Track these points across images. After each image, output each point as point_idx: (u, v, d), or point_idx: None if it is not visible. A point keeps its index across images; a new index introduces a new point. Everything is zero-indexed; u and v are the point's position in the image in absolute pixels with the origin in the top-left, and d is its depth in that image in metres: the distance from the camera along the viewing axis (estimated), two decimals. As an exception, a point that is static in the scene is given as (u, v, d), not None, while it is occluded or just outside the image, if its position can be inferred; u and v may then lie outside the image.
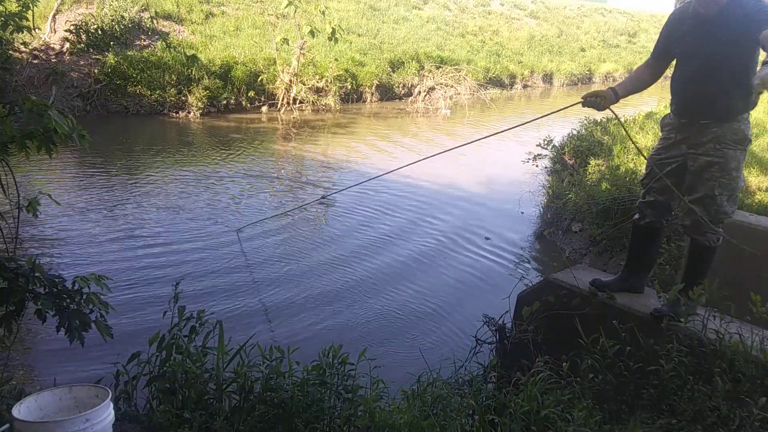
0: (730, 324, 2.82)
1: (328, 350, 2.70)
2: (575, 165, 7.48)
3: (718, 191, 2.89)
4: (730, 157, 2.87)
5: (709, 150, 2.89)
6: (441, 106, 15.40)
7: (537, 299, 3.38)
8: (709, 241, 2.95)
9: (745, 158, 2.95)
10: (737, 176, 2.90)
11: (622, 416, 2.58)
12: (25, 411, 1.97)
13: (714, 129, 2.88)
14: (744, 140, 2.88)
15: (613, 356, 2.73)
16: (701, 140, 2.92)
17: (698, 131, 2.94)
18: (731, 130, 2.86)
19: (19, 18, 3.53)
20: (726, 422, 2.31)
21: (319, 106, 14.16)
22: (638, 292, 3.26)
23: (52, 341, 3.91)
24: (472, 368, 3.23)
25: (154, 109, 12.53)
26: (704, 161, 2.91)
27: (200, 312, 2.87)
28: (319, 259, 5.80)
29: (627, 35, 31.22)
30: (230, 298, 4.91)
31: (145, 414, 2.67)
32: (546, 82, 22.51)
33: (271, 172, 9.19)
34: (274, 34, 14.46)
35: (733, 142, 2.86)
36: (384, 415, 2.42)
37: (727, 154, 2.86)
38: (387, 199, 7.85)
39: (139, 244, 5.90)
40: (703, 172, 2.92)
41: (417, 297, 5.17)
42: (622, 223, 5.48)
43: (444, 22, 23.31)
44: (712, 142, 2.88)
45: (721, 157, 2.87)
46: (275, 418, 2.45)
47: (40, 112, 2.28)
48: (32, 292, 2.47)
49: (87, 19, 13.08)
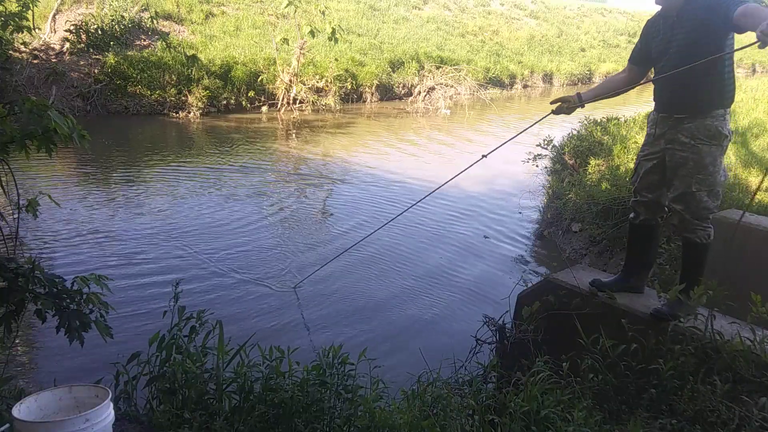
0: (730, 324, 2.82)
1: (328, 350, 2.70)
2: (575, 165, 7.48)
3: (695, 187, 2.89)
4: (705, 153, 2.87)
5: (684, 146, 2.91)
6: (441, 106, 15.40)
7: (537, 299, 3.37)
8: (699, 237, 2.95)
9: (723, 153, 2.93)
10: (714, 171, 2.90)
11: (622, 416, 2.58)
12: (25, 411, 1.97)
13: (688, 124, 2.90)
14: (718, 136, 2.87)
15: (613, 356, 2.73)
16: (677, 135, 2.94)
17: (674, 126, 2.96)
18: (704, 126, 2.86)
19: (19, 18, 3.54)
20: (726, 422, 2.31)
21: (319, 106, 14.17)
22: (638, 292, 3.26)
23: (52, 341, 3.91)
24: (472, 368, 3.22)
25: (154, 109, 12.54)
26: (680, 157, 2.93)
27: (200, 312, 2.87)
28: (318, 259, 5.80)
29: (627, 35, 31.22)
30: (230, 298, 4.91)
31: (145, 414, 2.67)
32: (546, 82, 22.52)
33: (270, 172, 9.20)
34: (274, 34, 14.47)
35: (706, 137, 2.86)
36: (384, 415, 2.42)
37: (701, 150, 2.87)
38: (386, 200, 7.85)
39: (138, 243, 5.90)
40: (679, 169, 2.94)
41: (417, 297, 5.17)
42: (622, 223, 5.49)
43: (444, 22, 23.31)
44: (687, 137, 2.90)
45: (695, 153, 2.88)
46: (275, 418, 2.45)
47: (40, 112, 2.28)
48: (32, 292, 2.47)
49: (87, 19, 13.09)
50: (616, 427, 2.44)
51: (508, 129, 13.55)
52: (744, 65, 29.56)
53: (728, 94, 2.90)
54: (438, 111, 15.25)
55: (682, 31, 2.86)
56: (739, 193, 5.51)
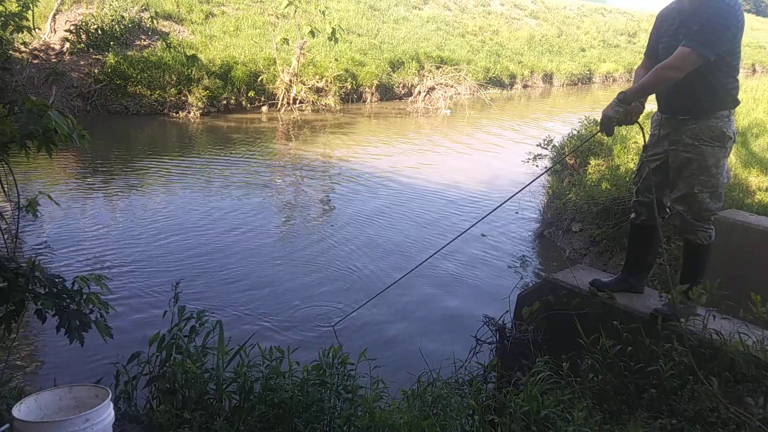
0: (730, 324, 2.82)
1: (328, 350, 2.70)
2: (575, 165, 7.48)
3: (698, 189, 2.88)
4: (708, 154, 2.86)
5: (687, 147, 2.90)
6: (441, 106, 15.40)
7: (537, 299, 3.37)
8: (700, 239, 2.95)
9: (726, 155, 2.93)
10: (717, 173, 2.89)
11: (622, 416, 2.58)
12: (25, 411, 1.97)
13: (692, 125, 2.89)
14: (722, 137, 2.86)
15: (613, 356, 2.73)
16: (680, 137, 2.93)
17: (677, 127, 2.95)
18: (708, 127, 2.85)
19: (19, 18, 3.54)
20: (726, 422, 2.31)
21: (319, 106, 14.17)
22: (638, 292, 3.26)
23: (52, 341, 3.91)
24: (472, 368, 3.22)
25: (154, 109, 12.54)
26: (683, 158, 2.92)
27: (200, 312, 2.87)
28: (318, 260, 5.80)
29: (627, 35, 31.22)
30: (231, 298, 4.91)
31: (145, 414, 2.67)
32: (546, 82, 22.51)
33: (270, 171, 9.20)
34: (274, 34, 14.47)
35: (710, 138, 2.85)
36: (384, 415, 2.41)
37: (705, 151, 2.86)
38: (386, 200, 7.85)
39: (138, 243, 5.90)
40: (683, 170, 2.93)
41: (416, 297, 5.17)
42: (622, 223, 5.48)
43: (444, 22, 23.31)
44: (690, 138, 2.89)
45: (699, 154, 2.87)
46: (275, 418, 2.45)
47: (40, 112, 2.28)
48: (32, 292, 2.46)
49: (87, 19, 13.08)
50: (616, 427, 2.44)
51: (513, 131, 13.56)
52: (744, 65, 29.56)
53: (732, 96, 2.89)
54: (438, 111, 15.24)
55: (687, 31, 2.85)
56: (739, 193, 5.51)
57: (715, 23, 2.69)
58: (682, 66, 2.71)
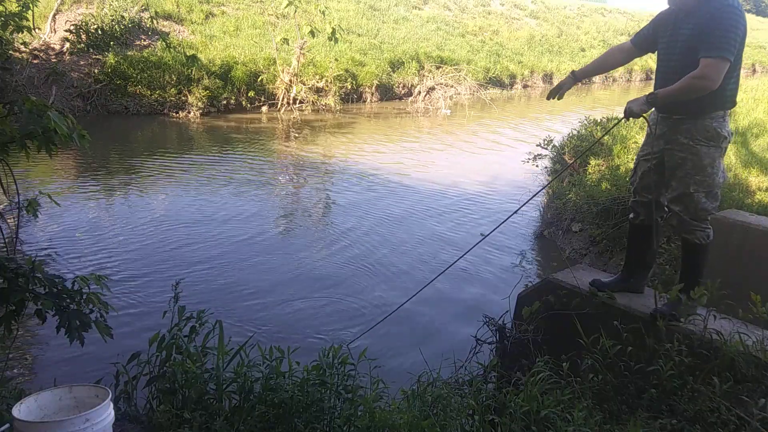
0: (730, 324, 2.82)
1: (328, 350, 2.70)
2: (575, 165, 7.48)
3: (693, 188, 2.89)
4: (703, 154, 2.87)
5: (683, 146, 2.91)
6: (441, 106, 15.39)
7: (537, 299, 3.37)
8: (698, 238, 2.95)
9: (722, 155, 2.93)
10: (713, 173, 2.89)
11: (622, 416, 2.58)
12: (25, 411, 1.97)
13: (687, 125, 2.90)
14: (717, 137, 2.87)
15: (613, 356, 2.73)
16: (675, 136, 2.94)
17: (673, 127, 2.96)
18: (703, 127, 2.86)
19: (19, 18, 3.54)
20: (726, 423, 2.31)
21: (319, 106, 14.16)
22: (638, 292, 3.26)
23: (52, 341, 3.91)
24: (472, 368, 3.22)
25: (154, 109, 12.53)
26: (679, 157, 2.92)
27: (200, 312, 2.87)
28: (318, 260, 5.80)
29: (627, 35, 31.15)
30: (231, 298, 4.91)
31: (145, 414, 2.67)
32: (546, 82, 22.49)
33: (269, 170, 9.20)
34: (274, 34, 14.46)
35: (704, 138, 2.86)
36: (384, 415, 2.41)
37: (700, 150, 2.87)
38: (386, 200, 7.84)
39: (138, 243, 5.90)
40: (678, 169, 2.94)
41: (416, 297, 5.16)
42: (622, 223, 5.48)
43: (444, 22, 23.30)
44: (685, 138, 2.90)
45: (694, 153, 2.88)
46: (275, 418, 2.45)
47: (40, 112, 2.28)
48: (32, 292, 2.46)
49: (87, 19, 13.08)
50: (616, 427, 2.44)
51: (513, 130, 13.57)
52: (744, 65, 29.51)
53: (729, 97, 2.89)
54: (438, 111, 15.24)
55: (688, 33, 2.85)
56: (739, 193, 5.51)
57: (728, 25, 2.71)
58: (715, 77, 2.71)
